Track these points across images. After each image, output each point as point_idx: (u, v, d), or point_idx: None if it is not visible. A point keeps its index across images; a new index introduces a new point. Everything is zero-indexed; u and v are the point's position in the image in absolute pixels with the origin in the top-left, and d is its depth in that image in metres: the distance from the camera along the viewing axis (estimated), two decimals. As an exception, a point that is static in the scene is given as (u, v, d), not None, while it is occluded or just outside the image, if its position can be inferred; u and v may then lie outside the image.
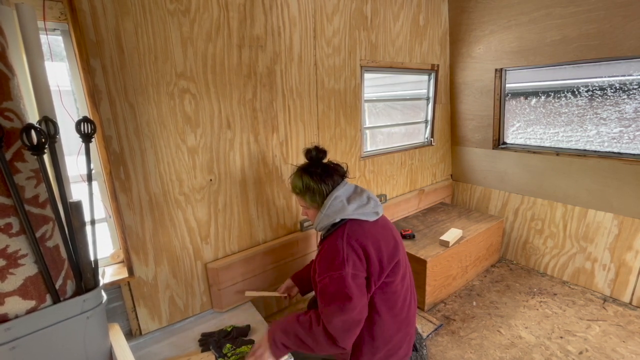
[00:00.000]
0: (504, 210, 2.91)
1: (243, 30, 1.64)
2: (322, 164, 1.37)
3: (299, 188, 1.36)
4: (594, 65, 2.25)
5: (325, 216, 1.29)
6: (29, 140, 0.81)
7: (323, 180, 1.31)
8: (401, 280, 1.32)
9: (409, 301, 1.36)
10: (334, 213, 1.28)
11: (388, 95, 3.24)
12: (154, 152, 1.47)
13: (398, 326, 1.32)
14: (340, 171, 1.38)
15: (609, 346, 1.92)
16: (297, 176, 1.37)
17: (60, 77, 1.31)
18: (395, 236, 1.36)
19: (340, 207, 1.27)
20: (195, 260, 1.68)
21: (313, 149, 1.38)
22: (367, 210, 1.29)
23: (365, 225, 1.27)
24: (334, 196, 1.29)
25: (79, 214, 0.97)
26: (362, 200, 1.30)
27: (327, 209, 1.29)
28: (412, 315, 1.39)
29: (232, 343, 1.46)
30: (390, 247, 1.29)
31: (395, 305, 1.30)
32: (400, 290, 1.31)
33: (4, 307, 0.83)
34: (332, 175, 1.33)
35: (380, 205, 1.35)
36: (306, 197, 1.35)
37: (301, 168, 1.38)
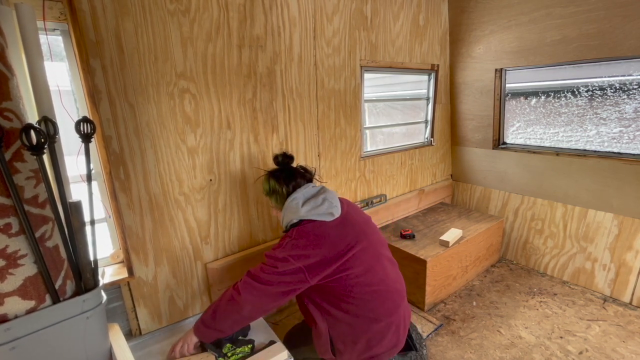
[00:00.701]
0: (504, 210, 2.91)
1: (243, 30, 1.64)
2: (289, 169, 1.49)
3: (266, 190, 1.49)
4: (594, 65, 2.24)
5: (284, 216, 1.42)
6: (28, 140, 0.81)
7: (286, 183, 1.44)
8: (365, 272, 1.35)
9: (385, 293, 1.39)
10: (291, 213, 1.39)
11: (388, 95, 3.24)
12: (154, 152, 1.47)
13: (375, 315, 1.34)
14: (306, 176, 1.49)
15: (609, 346, 1.92)
16: (265, 179, 1.49)
17: (60, 77, 1.31)
18: (358, 233, 1.39)
19: (294, 208, 1.38)
20: (195, 260, 1.68)
21: (280, 154, 1.51)
22: (321, 212, 1.38)
23: (317, 224, 1.36)
24: (292, 198, 1.40)
25: (78, 214, 0.97)
26: (317, 202, 1.39)
27: (285, 209, 1.41)
28: (393, 306, 1.40)
29: (232, 343, 1.46)
30: (343, 244, 1.34)
31: (363, 297, 1.33)
32: (366, 282, 1.35)
33: (4, 308, 0.83)
34: (296, 179, 1.45)
35: (337, 207, 1.43)
36: (272, 199, 1.48)
37: (269, 172, 1.49)
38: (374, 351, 1.35)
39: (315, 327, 1.42)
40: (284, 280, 1.29)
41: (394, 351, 1.40)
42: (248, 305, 1.29)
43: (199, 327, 1.37)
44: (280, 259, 1.30)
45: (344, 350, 1.36)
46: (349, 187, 2.37)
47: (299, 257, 1.29)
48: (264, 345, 1.45)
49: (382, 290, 1.38)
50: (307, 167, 1.53)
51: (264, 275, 1.30)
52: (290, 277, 1.28)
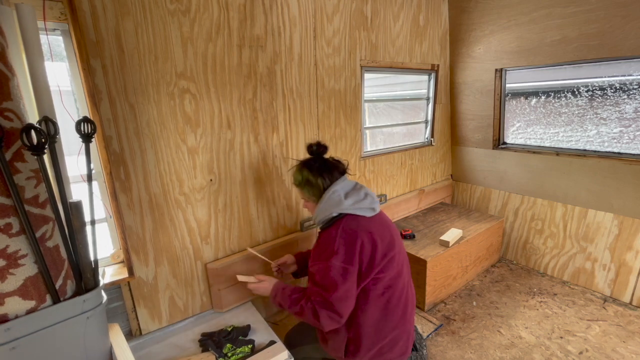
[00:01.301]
0: (504, 210, 2.91)
1: (243, 30, 1.64)
2: (322, 159, 1.42)
3: (298, 181, 1.42)
4: (594, 65, 2.25)
5: (322, 209, 1.34)
6: (29, 140, 0.81)
7: (321, 174, 1.37)
8: (396, 277, 1.33)
9: (405, 300, 1.37)
10: (331, 207, 1.32)
11: (388, 95, 3.24)
12: (154, 152, 1.47)
13: (394, 324, 1.33)
14: (340, 167, 1.42)
15: (609, 346, 1.92)
16: (297, 169, 1.43)
17: (60, 77, 1.31)
18: (392, 233, 1.38)
19: (337, 201, 1.32)
20: (195, 260, 1.68)
21: (315, 143, 1.43)
22: (364, 206, 1.33)
23: (362, 220, 1.31)
24: (332, 190, 1.34)
25: (79, 214, 0.97)
26: (359, 196, 1.35)
27: (324, 202, 1.34)
28: (409, 314, 1.40)
29: (232, 343, 1.46)
30: (385, 243, 1.31)
31: (390, 302, 1.31)
32: (395, 288, 1.33)
33: (4, 308, 0.83)
34: (332, 171, 1.38)
35: (377, 202, 1.39)
36: (305, 190, 1.41)
37: (302, 162, 1.43)
38: (385, 357, 1.34)
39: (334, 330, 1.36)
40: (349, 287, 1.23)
41: (402, 358, 1.39)
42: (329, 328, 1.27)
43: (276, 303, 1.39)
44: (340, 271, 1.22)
45: (356, 354, 1.33)
46: (349, 187, 2.37)
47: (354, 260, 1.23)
48: (264, 345, 1.45)
49: (404, 297, 1.37)
50: (340, 159, 1.46)
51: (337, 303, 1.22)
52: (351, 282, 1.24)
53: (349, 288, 1.23)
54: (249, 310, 1.76)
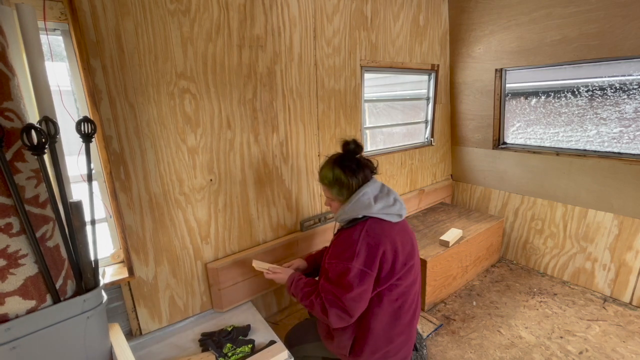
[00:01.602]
0: (504, 210, 2.91)
1: (243, 30, 1.64)
2: (357, 159, 1.35)
3: (328, 180, 1.34)
4: (594, 65, 2.24)
5: (349, 210, 1.29)
6: (29, 140, 0.81)
7: (354, 174, 1.31)
8: (411, 285, 1.33)
9: (414, 306, 1.37)
10: (360, 209, 1.27)
11: (388, 95, 3.24)
12: (154, 152, 1.47)
13: (402, 329, 1.33)
14: (371, 167, 1.36)
15: (609, 346, 1.92)
16: (328, 167, 1.35)
17: (60, 77, 1.31)
18: (412, 241, 1.36)
19: (367, 203, 1.27)
20: (196, 260, 1.68)
21: (352, 141, 1.36)
22: (392, 212, 1.29)
23: (385, 226, 1.28)
24: (363, 192, 1.28)
25: (79, 213, 0.97)
26: (389, 201, 1.30)
27: (353, 203, 1.29)
28: (416, 319, 1.40)
29: (232, 343, 1.46)
30: (406, 250, 1.30)
31: (402, 309, 1.31)
32: (408, 295, 1.32)
33: (4, 307, 0.83)
34: (364, 170, 1.33)
35: (405, 209, 1.35)
36: (334, 190, 1.34)
37: (334, 160, 1.35)
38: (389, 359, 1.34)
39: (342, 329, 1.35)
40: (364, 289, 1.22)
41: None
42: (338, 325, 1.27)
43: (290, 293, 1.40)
44: (358, 274, 1.20)
45: (360, 354, 1.32)
46: (349, 187, 2.37)
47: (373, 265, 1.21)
48: (264, 345, 1.45)
49: (414, 304, 1.37)
50: (370, 158, 1.39)
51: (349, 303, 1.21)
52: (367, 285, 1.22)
53: (364, 290, 1.21)
54: (249, 310, 1.77)
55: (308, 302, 1.31)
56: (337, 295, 1.21)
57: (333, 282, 1.24)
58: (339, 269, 1.22)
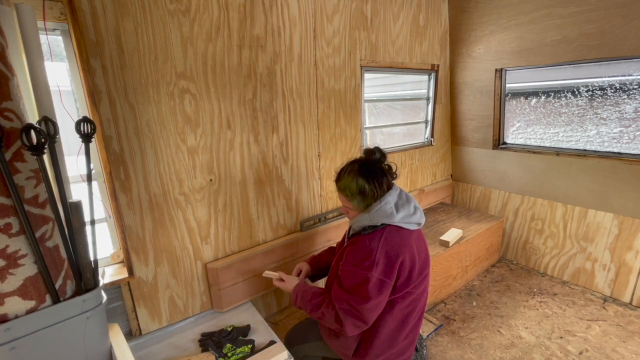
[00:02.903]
0: (504, 210, 2.91)
1: (243, 30, 1.64)
2: (380, 166, 1.29)
3: (351, 191, 1.26)
4: (594, 65, 2.24)
5: (369, 218, 1.24)
6: (28, 140, 0.81)
7: (380, 185, 1.24)
8: (422, 292, 1.33)
9: (422, 310, 1.38)
10: (381, 218, 1.23)
11: (388, 95, 3.25)
12: (154, 152, 1.47)
13: (407, 333, 1.33)
14: (392, 173, 1.31)
15: (609, 346, 1.92)
16: (351, 177, 1.26)
17: (60, 77, 1.31)
18: (427, 249, 1.36)
19: (389, 213, 1.22)
20: (195, 260, 1.68)
21: (376, 149, 1.29)
22: (413, 221, 1.26)
23: (404, 234, 1.25)
24: (385, 201, 1.23)
25: (78, 214, 0.97)
26: (410, 210, 1.27)
27: (374, 212, 1.23)
28: (420, 323, 1.41)
29: (232, 343, 1.46)
30: (422, 259, 1.29)
31: (411, 314, 1.31)
32: (419, 301, 1.33)
33: (4, 307, 0.83)
34: (387, 178, 1.27)
35: (424, 217, 1.32)
36: (355, 200, 1.28)
37: (357, 170, 1.27)
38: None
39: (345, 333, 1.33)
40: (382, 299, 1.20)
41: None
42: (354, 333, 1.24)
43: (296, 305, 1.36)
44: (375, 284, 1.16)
45: (364, 356, 1.33)
46: (349, 187, 2.37)
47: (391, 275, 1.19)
48: (264, 345, 1.45)
49: (422, 309, 1.37)
50: (390, 162, 1.32)
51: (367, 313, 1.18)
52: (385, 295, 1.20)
53: (382, 300, 1.19)
54: (249, 310, 1.76)
55: (319, 314, 1.26)
56: (353, 304, 1.17)
57: (349, 291, 1.19)
58: (357, 279, 1.18)
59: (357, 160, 1.31)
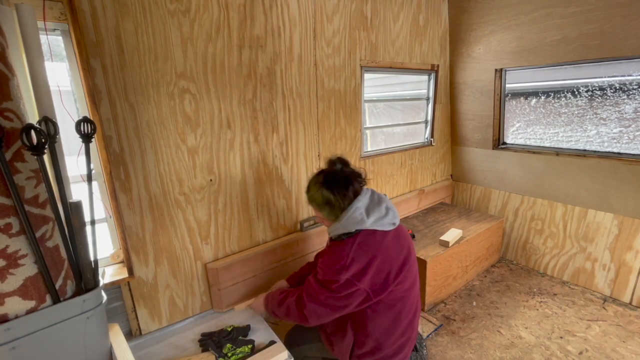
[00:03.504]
0: (504, 210, 2.91)
1: (243, 30, 1.64)
2: (344, 174, 1.31)
3: (318, 202, 1.31)
4: (594, 65, 2.25)
5: (341, 226, 1.27)
6: (28, 140, 0.81)
7: (345, 194, 1.27)
8: (409, 288, 1.33)
9: (415, 307, 1.37)
10: (352, 225, 1.25)
11: (388, 95, 3.25)
12: (154, 152, 1.47)
13: (401, 332, 1.33)
14: (360, 180, 1.33)
15: (609, 346, 1.92)
16: (316, 190, 1.30)
17: (60, 77, 1.31)
18: (408, 244, 1.36)
19: (359, 219, 1.24)
20: (195, 260, 1.68)
21: (337, 161, 1.33)
22: (385, 222, 1.27)
23: (377, 236, 1.26)
24: (354, 208, 1.25)
25: (79, 214, 0.97)
26: (381, 212, 1.27)
27: (345, 220, 1.25)
28: (416, 320, 1.41)
29: (232, 343, 1.46)
30: (402, 256, 1.29)
31: (402, 311, 1.31)
32: (408, 297, 1.32)
33: (4, 308, 0.83)
34: (353, 185, 1.29)
35: (398, 216, 1.33)
36: (324, 211, 1.31)
37: (321, 182, 1.30)
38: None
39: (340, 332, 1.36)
40: (349, 302, 1.23)
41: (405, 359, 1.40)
42: (314, 322, 1.30)
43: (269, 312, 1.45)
44: (345, 283, 1.20)
45: (362, 357, 1.34)
46: (349, 187, 2.37)
47: (364, 278, 1.21)
48: (264, 345, 1.45)
49: (415, 305, 1.37)
50: (356, 169, 1.35)
51: (330, 301, 1.23)
52: (354, 298, 1.23)
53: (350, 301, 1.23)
54: (249, 310, 1.76)
55: (284, 308, 1.34)
56: (319, 292, 1.24)
57: (320, 283, 1.26)
58: (327, 277, 1.24)
59: (322, 172, 1.35)
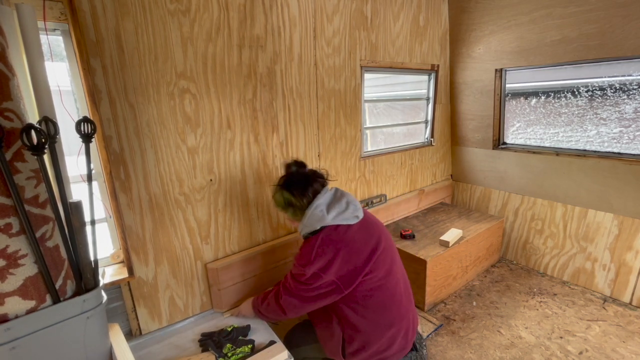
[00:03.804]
0: (504, 210, 2.91)
1: (243, 30, 1.64)
2: (301, 175, 1.41)
3: (281, 205, 1.41)
4: (594, 65, 2.25)
5: (306, 225, 1.36)
6: (29, 140, 0.81)
7: (303, 194, 1.36)
8: (385, 276, 1.34)
9: (399, 297, 1.38)
10: (315, 222, 1.33)
11: (388, 95, 3.25)
12: (154, 152, 1.47)
13: (389, 322, 1.34)
14: (320, 179, 1.41)
15: (609, 346, 1.92)
16: (278, 193, 1.41)
17: (60, 77, 1.31)
18: (379, 233, 1.39)
19: (320, 216, 1.32)
20: (195, 260, 1.68)
21: (293, 164, 1.44)
22: (347, 216, 1.34)
23: (341, 231, 1.33)
24: (315, 205, 1.33)
25: (79, 214, 0.97)
26: (341, 207, 1.35)
27: (307, 218, 1.34)
28: (405, 310, 1.40)
29: (232, 343, 1.46)
30: (368, 247, 1.32)
31: (385, 302, 1.33)
32: (387, 287, 1.34)
33: (4, 307, 0.83)
34: (313, 185, 1.38)
35: (360, 209, 1.40)
36: (289, 212, 1.41)
37: (281, 185, 1.41)
38: (384, 354, 1.35)
39: (327, 329, 1.40)
40: (320, 292, 1.30)
41: (402, 353, 1.40)
42: (291, 314, 1.39)
43: (255, 312, 1.56)
44: (311, 276, 1.29)
45: (354, 354, 1.35)
46: (349, 187, 2.37)
47: (329, 270, 1.28)
48: (264, 345, 1.45)
49: (398, 294, 1.38)
50: (318, 170, 1.45)
51: (302, 293, 1.32)
52: (325, 289, 1.30)
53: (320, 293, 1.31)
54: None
55: (266, 304, 1.47)
56: (292, 285, 1.35)
57: (293, 277, 1.37)
58: (296, 271, 1.36)
59: (283, 176, 1.44)
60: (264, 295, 1.54)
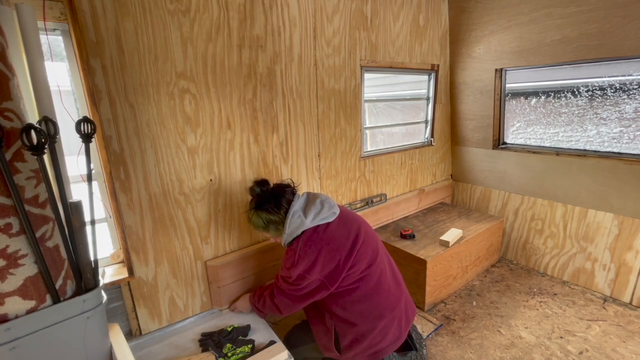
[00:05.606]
0: (504, 210, 2.91)
1: (243, 30, 1.64)
2: (270, 191, 1.44)
3: (261, 226, 1.44)
4: (594, 65, 2.24)
5: (288, 235, 1.39)
6: (29, 140, 0.81)
7: (279, 207, 1.39)
8: (367, 268, 1.36)
9: (387, 287, 1.40)
10: (296, 229, 1.37)
11: (388, 95, 3.25)
12: (154, 152, 1.47)
13: (379, 314, 1.35)
14: (288, 189, 1.46)
15: (609, 346, 1.92)
16: (254, 216, 1.43)
17: (60, 77, 1.31)
18: (358, 227, 1.41)
19: (299, 222, 1.36)
20: (195, 260, 1.68)
21: (254, 186, 1.46)
22: (324, 215, 1.37)
23: (320, 230, 1.36)
24: (292, 213, 1.37)
25: (79, 214, 0.97)
26: (317, 208, 1.38)
27: (288, 228, 1.37)
28: (394, 299, 1.41)
29: (232, 343, 1.46)
30: (349, 241, 1.35)
31: (372, 293, 1.35)
32: (370, 278, 1.36)
33: (4, 307, 0.83)
34: (284, 196, 1.42)
35: (335, 205, 1.44)
36: (270, 230, 1.44)
37: (254, 207, 1.43)
38: (378, 347, 1.36)
39: (321, 325, 1.43)
40: (309, 290, 1.35)
41: (397, 344, 1.41)
42: (286, 312, 1.46)
43: (253, 308, 1.63)
44: (297, 277, 1.33)
45: (349, 348, 1.36)
46: (349, 187, 2.37)
47: (313, 270, 1.31)
48: (264, 345, 1.45)
49: (384, 283, 1.40)
50: (282, 182, 1.50)
51: (292, 293, 1.39)
52: (313, 287, 1.34)
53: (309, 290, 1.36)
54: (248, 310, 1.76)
55: (262, 300, 1.54)
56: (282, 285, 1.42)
57: (282, 278, 1.44)
58: (283, 273, 1.43)
59: (252, 199, 1.47)
60: (259, 292, 1.60)
